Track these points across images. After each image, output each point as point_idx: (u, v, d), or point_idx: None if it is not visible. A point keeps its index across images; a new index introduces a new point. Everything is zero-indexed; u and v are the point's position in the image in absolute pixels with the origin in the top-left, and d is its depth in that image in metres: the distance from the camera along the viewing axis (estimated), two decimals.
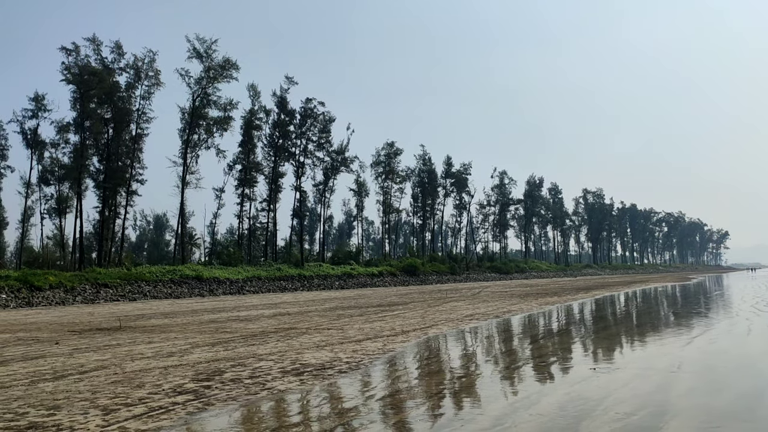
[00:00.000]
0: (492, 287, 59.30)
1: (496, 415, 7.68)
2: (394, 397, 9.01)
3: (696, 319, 22.37)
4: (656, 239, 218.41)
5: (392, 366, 12.09)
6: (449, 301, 35.54)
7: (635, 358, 13.22)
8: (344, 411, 8.12)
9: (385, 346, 14.84)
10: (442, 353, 14.35)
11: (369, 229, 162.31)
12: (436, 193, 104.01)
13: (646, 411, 7.65)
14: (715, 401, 8.19)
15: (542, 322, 22.71)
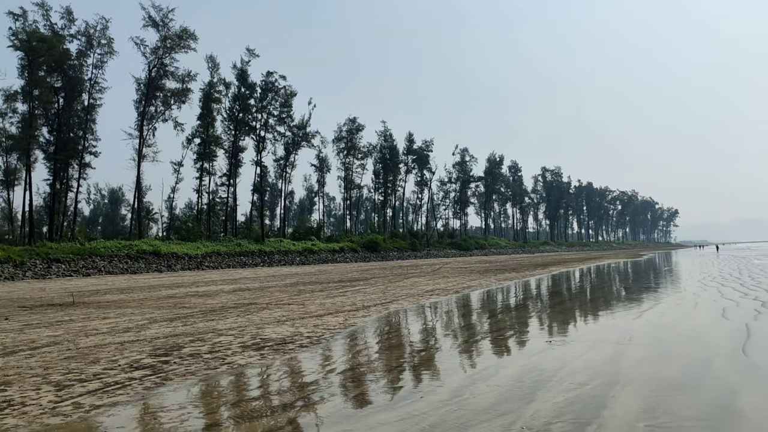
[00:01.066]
0: (452, 263, 59.88)
1: (455, 387, 7.76)
2: (355, 371, 9.03)
3: (646, 293, 22.99)
4: (610, 217, 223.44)
5: (353, 340, 12.12)
6: (410, 276, 35.77)
7: (589, 331, 13.52)
8: (305, 385, 8.10)
9: (346, 320, 14.85)
10: (402, 328, 14.44)
11: (330, 205, 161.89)
12: (398, 170, 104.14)
13: (598, 381, 7.83)
14: (663, 371, 8.43)
15: (500, 297, 23.04)
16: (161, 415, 6.69)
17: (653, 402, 6.73)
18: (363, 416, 6.52)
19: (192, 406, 7.07)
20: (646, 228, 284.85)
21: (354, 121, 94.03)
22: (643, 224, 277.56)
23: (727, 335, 11.63)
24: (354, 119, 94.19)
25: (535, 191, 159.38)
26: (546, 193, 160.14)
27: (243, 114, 72.73)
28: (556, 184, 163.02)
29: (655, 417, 6.16)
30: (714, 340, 11.25)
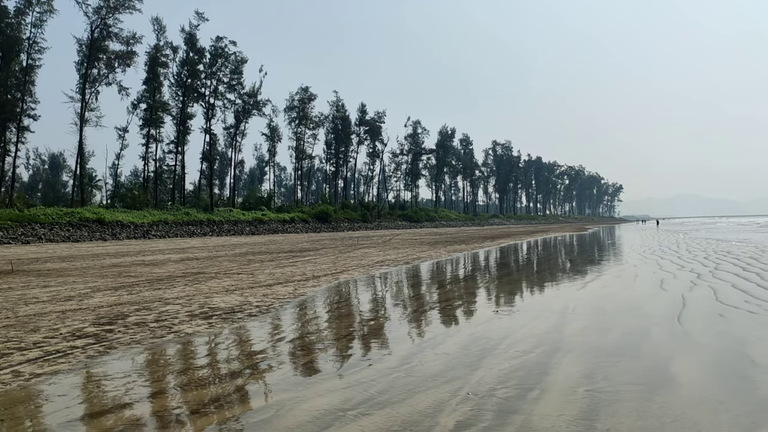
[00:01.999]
0: (402, 235, 60.30)
1: (403, 355, 7.87)
2: (304, 340, 9.05)
3: (590, 266, 23.67)
4: (558, 191, 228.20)
5: (303, 310, 12.12)
6: (360, 247, 35.87)
7: (534, 301, 13.86)
8: (253, 353, 8.07)
9: (296, 290, 14.83)
10: (352, 298, 14.51)
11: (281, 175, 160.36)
12: (350, 141, 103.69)
13: (541, 349, 8.06)
14: (603, 339, 8.73)
15: (450, 268, 23.36)
16: (105, 384, 6.58)
17: (593, 368, 6.97)
18: (311, 383, 6.55)
19: (137, 374, 6.97)
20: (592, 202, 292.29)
21: (306, 90, 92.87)
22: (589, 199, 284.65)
23: (664, 305, 12.10)
24: (306, 88, 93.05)
25: (486, 165, 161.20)
26: (496, 167, 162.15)
27: (191, 80, 70.88)
28: (507, 158, 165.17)
29: (594, 382, 6.39)
30: (652, 310, 11.69)
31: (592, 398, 5.82)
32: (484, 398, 5.86)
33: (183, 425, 5.23)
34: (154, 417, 5.47)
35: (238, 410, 5.66)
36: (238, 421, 5.32)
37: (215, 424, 5.26)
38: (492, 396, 5.93)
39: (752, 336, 8.88)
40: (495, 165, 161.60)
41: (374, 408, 5.59)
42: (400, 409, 5.56)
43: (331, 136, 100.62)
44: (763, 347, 8.06)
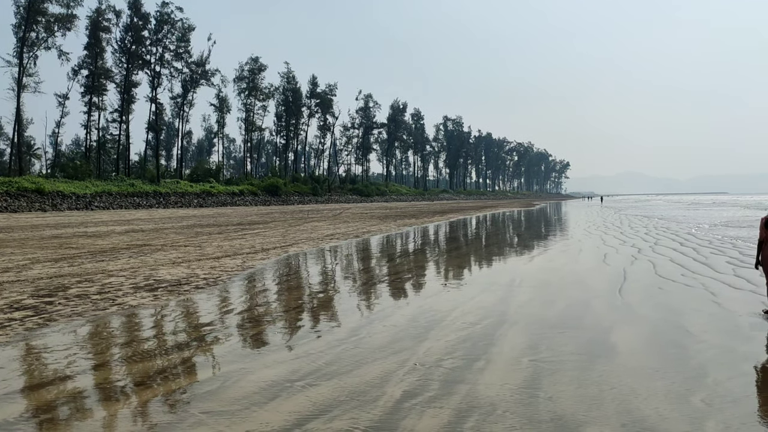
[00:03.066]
0: (353, 209, 60.29)
1: (352, 327, 7.90)
2: (253, 312, 8.98)
3: (537, 240, 24.19)
4: (507, 167, 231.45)
5: (251, 282, 12.01)
6: (310, 221, 35.71)
7: (482, 274, 14.10)
8: (201, 325, 7.97)
9: (244, 263, 14.68)
10: (301, 270, 14.45)
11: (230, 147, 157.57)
12: (301, 113, 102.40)
13: (488, 321, 8.21)
14: (547, 311, 8.96)
15: (400, 242, 23.50)
16: (45, 356, 6.40)
17: (537, 339, 7.14)
18: (259, 355, 6.52)
19: (78, 347, 6.80)
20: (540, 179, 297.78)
21: (256, 60, 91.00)
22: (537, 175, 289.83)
23: (606, 279, 12.48)
24: (256, 59, 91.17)
25: (437, 140, 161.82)
26: (447, 142, 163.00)
27: (136, 46, 68.52)
28: (457, 133, 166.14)
29: (538, 352, 6.55)
30: (595, 283, 12.04)
31: (535, 368, 5.97)
32: (431, 369, 5.94)
33: (127, 398, 5.14)
34: (97, 389, 5.35)
35: (184, 382, 5.58)
36: (184, 393, 5.25)
37: (161, 396, 5.18)
38: (439, 366, 6.02)
39: (687, 308, 9.25)
40: (446, 140, 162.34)
41: (322, 379, 5.61)
42: (347, 379, 5.59)
43: (282, 108, 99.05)
44: (697, 318, 8.40)
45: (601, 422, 4.52)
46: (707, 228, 28.91)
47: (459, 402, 4.98)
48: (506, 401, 4.99)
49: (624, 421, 4.54)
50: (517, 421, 4.54)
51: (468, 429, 4.40)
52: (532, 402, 4.97)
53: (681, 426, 4.46)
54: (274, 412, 4.76)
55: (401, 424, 4.50)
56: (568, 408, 4.82)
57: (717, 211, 53.24)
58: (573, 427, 4.44)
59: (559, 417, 4.64)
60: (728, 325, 8.01)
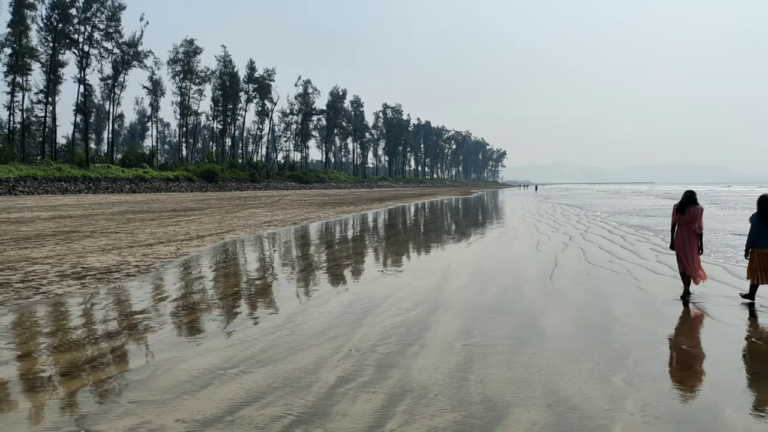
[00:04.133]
0: (292, 196, 59.79)
1: (288, 314, 7.87)
2: (187, 300, 8.82)
3: (473, 228, 24.62)
4: (446, 156, 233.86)
5: (186, 269, 11.78)
6: (248, 207, 35.23)
7: (419, 261, 14.27)
8: (132, 314, 7.77)
9: (178, 250, 14.37)
10: (238, 257, 14.27)
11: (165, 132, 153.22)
12: (238, 98, 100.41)
13: (423, 306, 8.34)
14: (481, 297, 9.16)
15: (338, 229, 23.48)
16: None
17: (470, 324, 7.30)
18: (192, 343, 6.42)
19: (0, 337, 6.52)
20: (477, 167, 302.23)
21: (191, 43, 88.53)
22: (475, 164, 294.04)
23: (538, 265, 12.84)
24: (191, 41, 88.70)
25: (376, 127, 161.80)
26: (386, 130, 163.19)
27: (63, 25, 65.49)
28: (396, 121, 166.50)
29: (471, 337, 6.70)
30: (527, 269, 12.37)
31: (468, 352, 6.10)
32: (366, 354, 5.99)
33: (53, 389, 4.97)
34: (21, 380, 5.16)
35: (113, 372, 5.45)
36: (112, 383, 5.12)
37: (87, 386, 5.04)
38: (373, 352, 6.07)
39: (613, 292, 9.63)
40: (385, 128, 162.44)
41: (256, 366, 5.57)
42: (282, 366, 5.58)
43: (219, 92, 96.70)
44: (622, 302, 8.76)
45: (528, 403, 4.68)
46: (611, 215, 30.09)
47: (392, 386, 5.05)
48: (438, 385, 5.09)
49: (550, 402, 4.70)
50: (448, 404, 4.64)
51: (400, 413, 4.48)
52: (464, 385, 5.09)
53: (602, 404, 4.66)
54: (205, 400, 4.70)
55: (334, 409, 4.54)
56: (498, 390, 4.96)
57: (632, 200, 55.52)
58: (501, 408, 4.58)
59: (488, 399, 4.76)
60: (649, 309, 8.39)
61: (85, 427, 4.18)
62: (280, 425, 4.22)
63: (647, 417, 4.42)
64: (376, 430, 4.17)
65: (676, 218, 9.29)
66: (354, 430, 4.17)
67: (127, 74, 75.49)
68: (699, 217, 9.08)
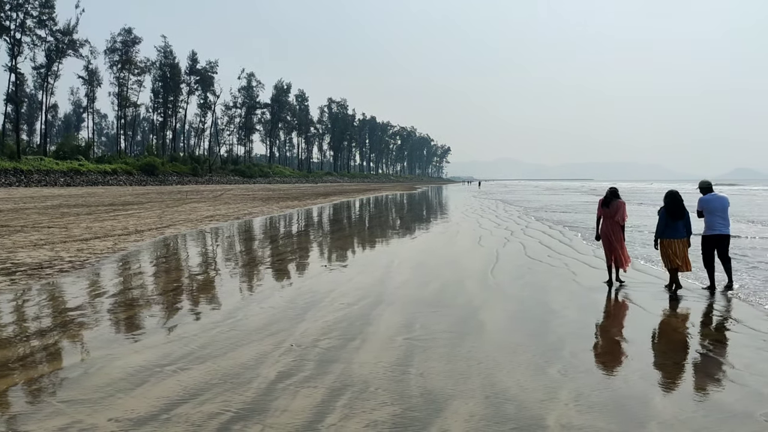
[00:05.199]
0: (235, 190, 58.90)
1: (229, 309, 7.76)
2: (124, 296, 8.58)
3: (417, 223, 24.82)
4: (391, 151, 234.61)
5: (124, 265, 11.46)
6: (189, 202, 34.54)
7: (363, 256, 14.30)
8: (65, 310, 7.51)
9: (115, 245, 13.97)
10: (179, 252, 13.98)
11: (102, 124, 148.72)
12: (180, 90, 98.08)
13: (365, 301, 8.36)
14: (423, 292, 9.25)
15: (282, 224, 23.28)
16: None
17: (412, 318, 7.35)
18: (128, 340, 6.26)
19: None
20: (422, 163, 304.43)
21: (130, 32, 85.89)
22: (420, 159, 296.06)
23: (480, 259, 13.04)
24: (129, 30, 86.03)
25: (321, 122, 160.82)
26: (331, 125, 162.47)
27: None
28: (342, 116, 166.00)
29: (413, 331, 6.75)
30: (469, 263, 12.55)
31: (409, 345, 6.15)
32: (307, 349, 5.97)
33: None
34: None
35: (44, 370, 5.26)
36: (43, 382, 4.94)
37: (16, 386, 4.85)
38: (315, 347, 6.05)
39: (551, 286, 9.88)
40: (330, 122, 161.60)
41: (194, 363, 5.47)
42: (221, 362, 5.49)
43: (159, 84, 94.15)
44: (559, 296, 8.99)
45: (467, 395, 4.75)
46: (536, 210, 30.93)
47: (333, 381, 5.04)
48: (379, 378, 5.11)
49: (488, 394, 4.79)
50: (388, 398, 4.67)
51: (340, 407, 4.48)
52: (404, 378, 5.13)
53: (538, 395, 4.77)
54: (140, 398, 4.59)
55: (274, 404, 4.50)
56: (438, 383, 5.02)
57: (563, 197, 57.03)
58: (441, 401, 4.63)
59: (428, 392, 4.81)
60: (586, 302, 8.65)
61: (13, 428, 4.02)
62: (218, 422, 4.16)
63: (580, 406, 4.55)
64: (316, 424, 4.16)
65: (601, 212, 10.18)
66: (293, 425, 4.15)
67: (62, 63, 72.54)
68: (622, 210, 9.96)
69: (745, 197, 53.46)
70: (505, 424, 4.22)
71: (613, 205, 10.02)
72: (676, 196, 9.28)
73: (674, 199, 9.24)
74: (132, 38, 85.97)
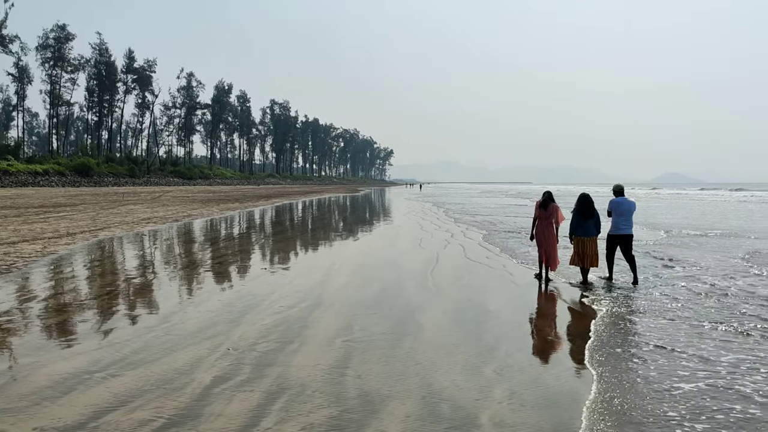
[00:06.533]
0: (174, 192, 57.59)
1: (164, 313, 7.59)
2: (54, 300, 8.28)
3: (359, 225, 24.84)
4: (334, 153, 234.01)
5: (54, 269, 11.04)
6: (126, 204, 33.59)
7: (303, 258, 14.20)
8: None
9: (45, 248, 13.45)
10: (114, 256, 13.56)
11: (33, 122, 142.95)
12: (116, 89, 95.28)
13: (305, 304, 8.32)
14: (363, 293, 9.27)
15: (223, 226, 22.90)
16: None
17: (351, 320, 7.36)
18: (55, 347, 6.04)
19: None
20: (365, 165, 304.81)
21: (63, 28, 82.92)
22: (363, 162, 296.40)
23: (420, 261, 13.15)
24: (63, 26, 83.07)
25: (263, 123, 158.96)
26: (274, 126, 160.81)
27: None
28: (284, 117, 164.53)
29: (352, 333, 6.76)
30: (409, 265, 12.64)
31: (347, 348, 6.16)
32: (244, 353, 5.90)
33: None
34: None
35: None
36: None
37: None
38: (252, 350, 5.99)
39: (489, 287, 10.07)
40: (273, 124, 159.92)
41: (126, 369, 5.33)
42: (154, 368, 5.37)
43: (94, 82, 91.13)
44: (495, 297, 9.18)
45: (404, 396, 4.79)
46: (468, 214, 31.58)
47: (270, 384, 5.00)
48: (317, 381, 5.10)
49: (424, 394, 4.85)
50: (325, 400, 4.67)
51: (276, 410, 4.45)
52: (342, 381, 5.13)
53: (473, 394, 4.86)
54: (68, 406, 4.44)
55: (208, 409, 4.43)
56: (375, 384, 5.05)
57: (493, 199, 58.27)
58: (377, 402, 4.66)
59: (365, 393, 4.83)
60: (523, 303, 8.86)
61: None
62: (149, 429, 4.07)
63: (513, 404, 4.66)
64: (251, 429, 4.12)
65: (539, 213, 10.79)
66: (228, 430, 4.09)
67: None
68: (557, 212, 10.64)
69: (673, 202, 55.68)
70: (441, 423, 4.28)
71: (550, 207, 10.65)
72: (586, 198, 10.39)
73: (585, 201, 10.35)
74: (65, 35, 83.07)
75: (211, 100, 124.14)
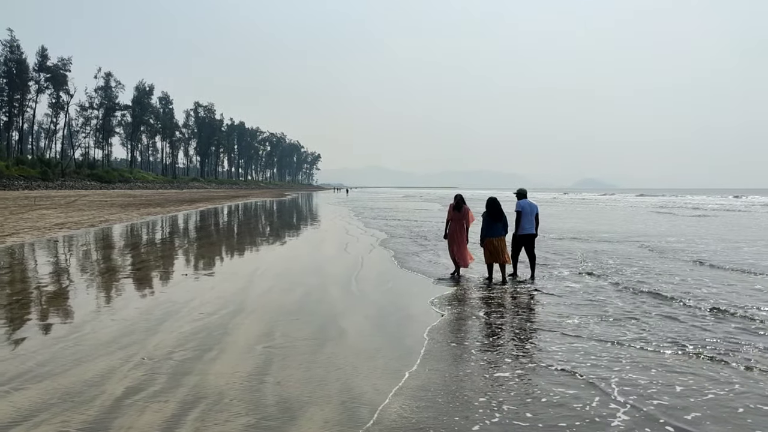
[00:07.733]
0: (91, 196, 55.32)
1: (75, 323, 7.28)
2: None
3: (284, 230, 24.61)
4: (260, 157, 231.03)
5: None
6: (38, 208, 32.01)
7: (226, 264, 13.93)
8: None
9: None
10: (26, 262, 12.89)
11: None
12: (27, 88, 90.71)
13: (226, 310, 8.15)
14: (286, 299, 9.17)
15: (143, 231, 22.18)
16: None
17: (273, 326, 7.27)
18: None
19: None
20: (292, 170, 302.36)
21: None
22: (290, 166, 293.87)
23: (345, 266, 13.14)
24: None
25: (187, 126, 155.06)
26: (198, 129, 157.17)
27: None
28: (209, 120, 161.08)
29: (273, 339, 6.67)
30: (334, 270, 12.61)
31: (268, 354, 6.07)
32: (160, 362, 5.72)
33: None
34: None
35: None
36: None
37: None
38: (168, 359, 5.81)
39: (412, 292, 10.16)
40: (197, 127, 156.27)
41: (31, 382, 5.07)
42: (62, 380, 5.13)
43: (3, 80, 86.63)
44: (417, 301, 9.26)
45: (324, 402, 4.76)
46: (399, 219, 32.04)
47: (186, 394, 4.87)
48: (235, 389, 5.00)
49: (344, 399, 4.83)
50: (243, 408, 4.58)
51: (191, 420, 4.33)
52: (261, 388, 5.05)
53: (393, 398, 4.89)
54: None
55: (118, 422, 4.26)
56: (295, 391, 5.00)
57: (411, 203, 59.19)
58: (296, 408, 4.61)
59: (285, 400, 4.78)
60: (443, 304, 8.97)
61: None
62: None
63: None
64: None
65: (452, 215, 11.80)
66: None
67: None
68: (468, 214, 11.70)
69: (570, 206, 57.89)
70: (359, 428, 4.28)
71: (463, 209, 11.70)
72: (495, 201, 11.21)
73: (493, 204, 11.17)
74: None
75: (132, 101, 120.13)
